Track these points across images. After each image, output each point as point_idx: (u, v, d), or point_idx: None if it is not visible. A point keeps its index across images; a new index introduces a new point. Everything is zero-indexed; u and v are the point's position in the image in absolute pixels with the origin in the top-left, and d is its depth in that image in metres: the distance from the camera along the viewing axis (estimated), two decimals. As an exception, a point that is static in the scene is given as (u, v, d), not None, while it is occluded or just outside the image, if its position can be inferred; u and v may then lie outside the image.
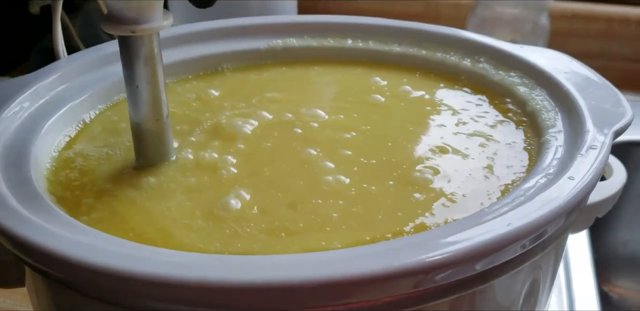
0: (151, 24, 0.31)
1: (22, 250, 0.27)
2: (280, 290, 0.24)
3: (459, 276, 0.26)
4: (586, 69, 0.40)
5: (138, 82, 0.32)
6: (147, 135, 0.34)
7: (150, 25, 0.31)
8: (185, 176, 0.33)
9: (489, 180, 0.33)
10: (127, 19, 0.30)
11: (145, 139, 0.34)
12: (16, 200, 0.29)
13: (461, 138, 0.37)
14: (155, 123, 0.33)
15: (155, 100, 0.33)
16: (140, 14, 0.30)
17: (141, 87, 0.32)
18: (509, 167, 0.34)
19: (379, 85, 0.42)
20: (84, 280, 0.26)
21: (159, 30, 0.31)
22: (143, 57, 0.32)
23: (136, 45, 0.31)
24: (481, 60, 0.42)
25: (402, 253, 0.25)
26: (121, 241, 0.27)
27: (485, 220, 0.27)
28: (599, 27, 0.76)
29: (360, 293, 0.25)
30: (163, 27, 0.31)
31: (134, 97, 0.33)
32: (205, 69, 0.44)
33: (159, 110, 0.33)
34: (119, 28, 0.31)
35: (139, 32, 0.31)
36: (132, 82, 0.32)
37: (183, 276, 0.24)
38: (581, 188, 0.29)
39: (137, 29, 0.31)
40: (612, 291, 0.65)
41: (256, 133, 0.37)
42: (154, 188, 0.33)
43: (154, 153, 0.34)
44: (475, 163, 0.35)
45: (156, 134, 0.34)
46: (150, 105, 0.33)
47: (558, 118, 0.36)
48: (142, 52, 0.32)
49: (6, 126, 0.34)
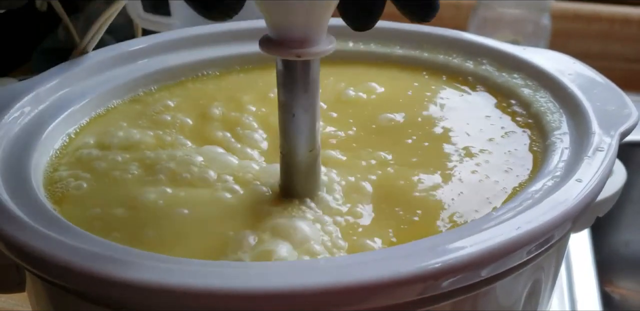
0: (318, 47, 0.28)
1: (21, 257, 0.27)
2: (285, 297, 0.24)
3: (467, 281, 0.26)
4: (590, 70, 0.40)
5: (295, 110, 0.30)
6: (298, 167, 0.31)
7: (317, 49, 0.28)
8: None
9: (494, 183, 0.33)
10: (292, 41, 0.28)
11: (295, 171, 0.32)
12: (16, 206, 0.29)
13: (464, 139, 0.37)
14: (308, 154, 0.31)
15: (311, 130, 0.31)
16: (306, 35, 0.28)
17: (298, 115, 0.30)
18: (514, 169, 0.34)
19: (379, 87, 0.42)
20: (86, 287, 0.26)
21: (324, 55, 0.29)
22: (304, 83, 0.29)
23: (299, 70, 0.29)
24: (484, 62, 0.42)
25: (411, 259, 0.25)
26: (125, 249, 0.27)
27: (493, 224, 0.27)
28: (601, 28, 0.76)
29: (365, 300, 0.25)
30: (328, 51, 0.29)
31: (290, 126, 0.30)
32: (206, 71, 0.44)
33: (314, 141, 0.31)
34: (283, 51, 0.28)
35: (304, 56, 0.28)
36: (289, 110, 0.30)
37: (186, 285, 0.24)
38: (589, 190, 0.29)
39: (303, 52, 0.28)
40: (614, 292, 0.65)
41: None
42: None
43: (302, 186, 0.32)
44: (478, 165, 0.34)
45: (307, 166, 0.31)
46: (305, 135, 0.31)
47: (563, 120, 0.36)
48: (304, 77, 0.29)
49: (6, 131, 0.34)
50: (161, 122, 0.38)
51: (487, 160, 0.35)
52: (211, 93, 0.41)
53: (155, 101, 0.40)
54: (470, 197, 0.32)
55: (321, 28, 0.28)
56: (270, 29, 0.29)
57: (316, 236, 0.29)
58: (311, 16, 0.28)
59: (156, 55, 0.42)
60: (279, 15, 0.28)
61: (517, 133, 0.37)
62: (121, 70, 0.41)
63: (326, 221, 0.31)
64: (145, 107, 0.40)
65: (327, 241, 0.29)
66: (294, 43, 0.28)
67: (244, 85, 0.42)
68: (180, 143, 0.36)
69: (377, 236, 0.30)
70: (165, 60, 0.42)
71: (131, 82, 0.41)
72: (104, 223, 0.31)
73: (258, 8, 0.28)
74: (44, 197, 0.31)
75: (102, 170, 0.34)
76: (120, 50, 0.41)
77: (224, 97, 0.41)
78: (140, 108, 0.40)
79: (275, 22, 0.28)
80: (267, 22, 0.29)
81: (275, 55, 0.29)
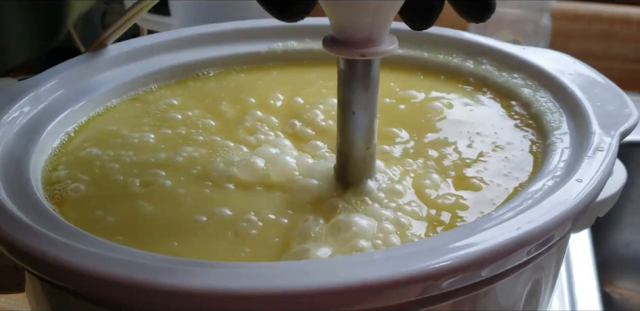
0: (381, 47, 0.29)
1: (21, 257, 0.27)
2: (285, 297, 0.24)
3: (467, 281, 0.26)
4: (590, 70, 0.39)
5: (355, 108, 0.30)
6: (355, 164, 0.32)
7: (380, 48, 0.29)
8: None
9: (494, 182, 0.33)
10: (356, 41, 0.28)
11: (351, 167, 0.32)
12: (15, 206, 0.29)
13: (463, 139, 0.37)
14: (366, 152, 0.32)
15: (369, 128, 0.31)
16: (371, 35, 0.28)
17: (358, 114, 0.30)
18: (514, 169, 0.34)
19: (379, 88, 0.42)
20: (85, 287, 0.26)
21: (387, 55, 0.29)
22: (365, 81, 0.30)
23: (362, 69, 0.29)
24: (484, 62, 0.42)
25: (411, 259, 0.25)
26: (125, 249, 0.26)
27: (493, 224, 0.27)
28: (601, 28, 0.76)
29: (365, 300, 0.25)
30: (391, 51, 0.29)
31: (349, 124, 0.31)
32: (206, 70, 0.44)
33: (372, 139, 0.32)
34: (347, 51, 0.29)
35: (369, 56, 0.29)
36: (349, 108, 0.30)
37: (185, 285, 0.24)
38: (590, 190, 0.29)
39: (368, 52, 0.28)
40: (614, 292, 0.65)
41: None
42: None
43: (357, 181, 0.32)
44: (478, 165, 0.34)
45: (364, 163, 0.32)
46: (364, 133, 0.31)
47: (563, 120, 0.36)
48: (365, 76, 0.30)
49: (6, 131, 0.34)
50: (169, 120, 0.38)
51: (486, 159, 0.35)
52: (215, 93, 0.41)
53: (156, 99, 0.40)
54: (467, 195, 0.32)
55: (385, 28, 0.29)
56: (335, 29, 0.29)
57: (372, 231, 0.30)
58: (377, 17, 0.28)
59: (156, 55, 0.42)
60: (346, 16, 0.28)
61: (517, 132, 0.37)
62: (121, 69, 0.41)
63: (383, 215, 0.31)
64: (146, 105, 0.40)
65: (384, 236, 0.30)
66: (359, 43, 0.28)
67: (246, 84, 0.42)
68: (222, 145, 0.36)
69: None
70: (164, 60, 0.42)
71: (131, 82, 0.41)
72: (117, 223, 0.31)
73: (324, 9, 0.29)
74: (43, 197, 0.31)
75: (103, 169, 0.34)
76: (119, 50, 0.41)
77: (229, 96, 0.41)
78: (141, 107, 0.40)
79: (340, 23, 0.29)
80: (332, 23, 0.29)
81: (339, 55, 0.29)
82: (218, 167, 0.34)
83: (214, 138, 0.36)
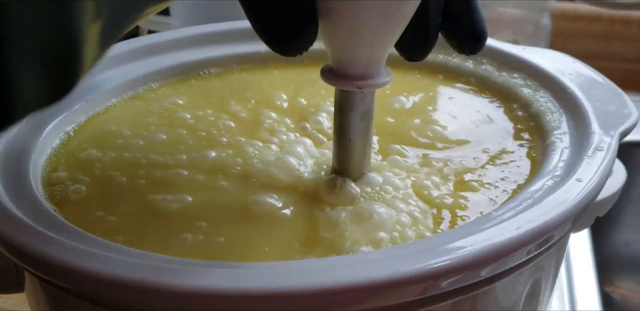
0: (378, 80, 0.30)
1: (20, 257, 0.27)
2: (285, 297, 0.24)
3: (466, 281, 0.26)
4: (590, 70, 0.39)
5: (351, 136, 0.31)
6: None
7: (376, 81, 0.29)
8: None
9: (494, 182, 0.33)
10: (353, 74, 0.29)
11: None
12: (15, 206, 0.29)
13: (463, 139, 0.37)
14: (360, 176, 0.32)
15: (365, 154, 0.32)
16: (368, 69, 0.29)
17: (353, 141, 0.31)
18: (514, 169, 0.34)
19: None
20: (85, 287, 0.26)
21: (382, 87, 0.30)
22: (361, 112, 0.31)
23: (357, 100, 0.30)
24: (484, 61, 0.42)
25: (410, 259, 0.25)
26: (125, 249, 0.26)
27: (493, 223, 0.27)
28: (601, 28, 0.76)
29: (365, 300, 0.25)
30: (387, 83, 0.30)
31: (343, 151, 0.32)
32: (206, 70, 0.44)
33: (367, 164, 0.32)
34: (344, 83, 0.30)
35: (365, 88, 0.30)
36: (345, 136, 0.31)
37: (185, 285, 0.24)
38: (590, 190, 0.29)
39: (364, 84, 0.29)
40: (614, 292, 0.65)
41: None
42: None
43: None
44: (478, 165, 0.34)
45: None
46: (359, 159, 0.32)
47: (563, 120, 0.36)
48: (361, 107, 0.31)
49: (5, 131, 0.34)
50: (178, 120, 0.38)
51: (485, 159, 0.35)
52: (219, 91, 0.41)
53: (159, 98, 0.40)
54: (466, 195, 0.32)
55: (381, 62, 0.29)
56: (333, 62, 0.30)
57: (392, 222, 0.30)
58: (373, 53, 0.29)
59: (156, 55, 0.42)
60: (342, 52, 0.29)
61: (517, 132, 0.37)
62: (120, 69, 0.41)
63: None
64: (148, 104, 0.40)
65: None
66: (356, 76, 0.29)
67: (249, 83, 0.42)
68: (249, 144, 0.36)
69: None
70: (164, 60, 0.42)
71: (131, 81, 0.41)
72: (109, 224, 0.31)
73: (323, 43, 0.29)
74: (44, 198, 0.31)
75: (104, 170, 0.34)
76: (119, 50, 0.41)
77: (234, 95, 0.41)
78: (143, 105, 0.40)
79: (338, 57, 0.29)
80: (330, 56, 0.30)
81: (337, 86, 0.30)
82: (257, 167, 0.34)
83: (238, 139, 0.36)
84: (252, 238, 0.29)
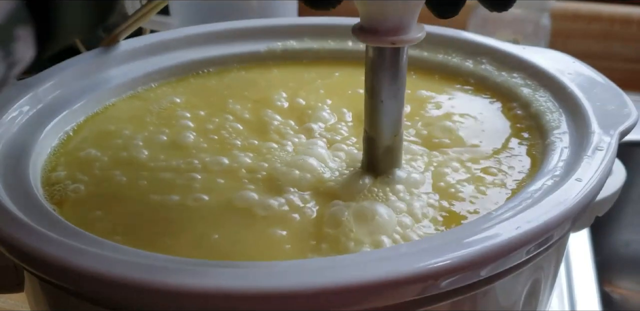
0: (411, 34, 0.29)
1: (20, 257, 0.27)
2: (285, 297, 0.24)
3: (466, 281, 0.26)
4: (590, 69, 0.39)
5: (384, 96, 0.31)
6: (381, 151, 0.32)
7: (410, 36, 0.29)
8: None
9: (494, 182, 0.33)
10: (386, 29, 0.28)
11: (378, 154, 0.32)
12: (15, 206, 0.29)
13: (463, 139, 0.37)
14: (393, 139, 0.32)
15: (397, 116, 0.31)
16: (401, 23, 0.28)
17: (386, 102, 0.31)
18: (513, 169, 0.34)
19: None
20: (85, 287, 0.26)
21: (416, 42, 0.29)
22: (394, 70, 0.30)
23: (391, 57, 0.30)
24: (483, 61, 0.42)
25: (410, 259, 0.25)
26: (125, 249, 0.26)
27: (493, 223, 0.27)
28: (601, 28, 0.76)
29: (365, 300, 0.25)
30: (420, 38, 0.29)
31: (377, 113, 0.31)
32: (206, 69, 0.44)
33: (399, 127, 0.32)
34: (377, 39, 0.29)
35: (399, 44, 0.29)
36: (377, 96, 0.31)
37: (185, 285, 0.24)
38: (589, 190, 0.29)
39: (398, 40, 0.29)
40: (614, 292, 0.65)
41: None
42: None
43: (385, 169, 0.33)
44: (478, 165, 0.34)
45: (391, 150, 0.32)
46: (392, 120, 0.31)
47: (562, 119, 0.36)
48: (394, 64, 0.30)
49: (5, 131, 0.34)
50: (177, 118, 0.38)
51: (485, 159, 0.35)
52: (218, 90, 0.41)
53: (158, 98, 0.40)
54: (467, 195, 0.32)
55: (414, 15, 0.29)
56: (364, 18, 0.29)
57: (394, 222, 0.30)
58: (407, 5, 0.28)
59: (155, 55, 0.42)
60: (376, 5, 0.28)
61: (516, 132, 0.37)
62: (120, 69, 0.41)
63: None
64: (148, 103, 0.40)
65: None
66: (388, 31, 0.29)
67: (248, 82, 0.42)
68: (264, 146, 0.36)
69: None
70: (164, 60, 0.42)
71: (131, 81, 0.41)
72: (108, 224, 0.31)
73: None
74: (43, 197, 0.31)
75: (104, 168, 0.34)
76: (118, 50, 0.41)
77: (233, 94, 0.41)
78: (142, 105, 0.40)
79: (371, 11, 0.29)
80: (361, 11, 0.29)
81: (369, 43, 0.29)
82: (281, 170, 0.33)
83: (252, 141, 0.36)
84: (252, 238, 0.29)
